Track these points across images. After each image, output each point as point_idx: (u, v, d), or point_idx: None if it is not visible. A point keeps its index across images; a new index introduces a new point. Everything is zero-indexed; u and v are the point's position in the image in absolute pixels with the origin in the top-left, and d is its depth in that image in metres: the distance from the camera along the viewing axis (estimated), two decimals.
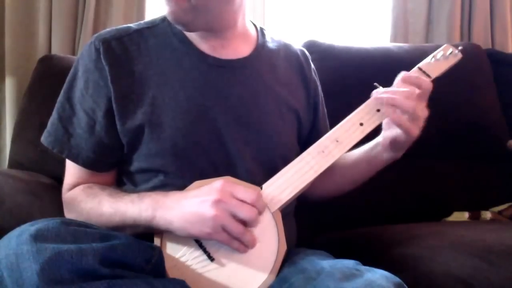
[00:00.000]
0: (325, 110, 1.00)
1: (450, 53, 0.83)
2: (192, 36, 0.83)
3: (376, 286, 0.59)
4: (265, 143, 0.83)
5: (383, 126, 0.80)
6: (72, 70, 0.83)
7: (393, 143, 0.79)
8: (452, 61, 0.84)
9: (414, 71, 0.82)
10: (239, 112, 0.82)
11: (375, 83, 0.80)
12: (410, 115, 0.74)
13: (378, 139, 0.83)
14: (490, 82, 1.42)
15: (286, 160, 0.78)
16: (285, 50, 0.93)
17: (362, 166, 0.87)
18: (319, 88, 0.97)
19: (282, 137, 0.85)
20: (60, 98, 0.83)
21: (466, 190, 1.30)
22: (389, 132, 0.79)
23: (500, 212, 1.20)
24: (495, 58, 1.47)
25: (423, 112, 0.76)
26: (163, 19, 0.86)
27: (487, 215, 1.19)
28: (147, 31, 0.84)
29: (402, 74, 0.79)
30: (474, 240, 0.85)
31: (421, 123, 0.76)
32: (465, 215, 1.20)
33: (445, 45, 0.85)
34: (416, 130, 0.75)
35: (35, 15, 1.41)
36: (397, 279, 0.62)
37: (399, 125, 0.74)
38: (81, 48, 1.42)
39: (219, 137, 0.80)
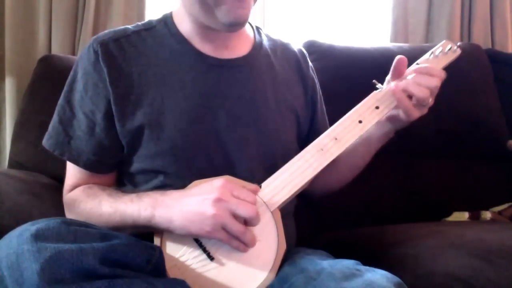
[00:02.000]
0: (324, 108, 1.00)
1: (449, 49, 0.83)
2: (191, 36, 0.83)
3: (376, 286, 0.59)
4: (265, 142, 0.83)
5: None
6: (71, 73, 0.84)
7: (391, 119, 0.81)
8: (451, 57, 0.83)
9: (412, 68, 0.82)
10: (239, 112, 0.82)
11: (374, 81, 0.80)
12: (422, 101, 0.77)
13: None
14: (490, 82, 1.42)
15: (286, 159, 0.78)
16: (282, 49, 0.94)
17: (359, 150, 0.87)
18: (317, 85, 0.97)
19: (281, 135, 0.86)
20: (60, 101, 0.84)
21: (466, 190, 1.30)
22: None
23: (500, 212, 1.20)
24: (495, 58, 1.47)
25: (431, 101, 0.79)
26: (160, 21, 0.86)
27: (487, 215, 1.19)
28: (145, 32, 0.84)
29: (397, 58, 0.80)
30: (474, 240, 0.85)
31: (425, 110, 0.79)
32: (465, 215, 1.20)
33: (444, 41, 0.85)
34: (418, 114, 0.78)
35: (35, 15, 1.41)
36: (397, 279, 0.62)
37: (405, 110, 0.77)
38: (81, 48, 1.42)
39: (218, 137, 0.80)
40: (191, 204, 0.68)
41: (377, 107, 0.79)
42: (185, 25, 0.83)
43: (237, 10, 0.74)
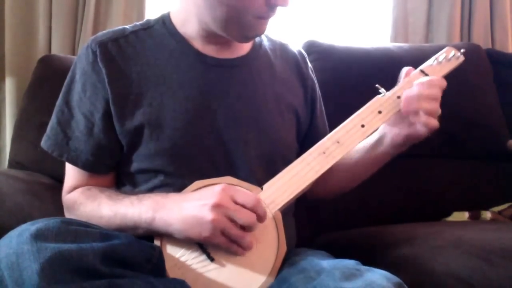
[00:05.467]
0: (323, 108, 1.00)
1: (453, 55, 0.83)
2: (193, 37, 0.83)
3: (376, 286, 0.59)
4: (265, 141, 0.83)
5: (392, 123, 0.80)
6: (69, 74, 0.84)
7: (405, 140, 0.78)
8: (454, 63, 0.83)
9: (416, 74, 0.82)
10: (238, 111, 0.82)
11: (377, 85, 0.80)
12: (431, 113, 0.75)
13: (380, 134, 0.82)
14: (490, 82, 1.42)
15: (285, 159, 0.78)
16: (282, 49, 0.94)
17: (365, 164, 0.86)
18: (317, 86, 0.97)
19: (281, 135, 0.85)
20: (59, 101, 0.84)
21: (466, 190, 1.30)
22: (399, 130, 0.78)
23: (500, 212, 1.20)
24: (495, 58, 1.47)
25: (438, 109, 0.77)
26: (158, 21, 0.86)
27: (487, 215, 1.19)
28: (143, 32, 0.84)
29: (405, 70, 0.80)
30: (474, 240, 0.85)
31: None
32: (465, 215, 1.20)
33: (447, 47, 0.85)
34: (436, 123, 0.76)
35: (35, 15, 1.41)
36: (397, 279, 0.62)
37: (425, 124, 0.75)
38: (81, 48, 1.42)
39: (218, 137, 0.80)
40: (191, 208, 0.68)
41: (380, 112, 0.78)
42: (188, 27, 0.83)
43: (262, 27, 0.78)
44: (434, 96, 0.75)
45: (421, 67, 0.83)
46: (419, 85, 0.76)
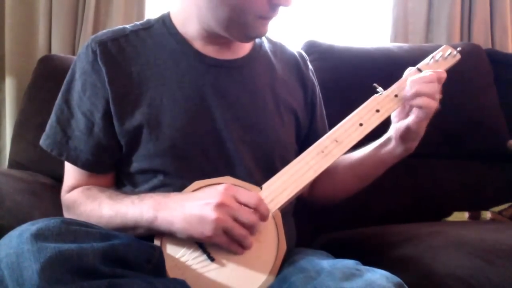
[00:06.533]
0: (324, 111, 0.99)
1: (449, 54, 0.84)
2: (194, 38, 0.83)
3: (376, 286, 0.59)
4: (263, 142, 0.83)
5: (393, 119, 0.81)
6: (69, 73, 0.84)
7: (407, 132, 0.78)
8: (451, 62, 0.84)
9: (412, 72, 0.82)
10: (237, 112, 0.82)
11: (375, 84, 0.80)
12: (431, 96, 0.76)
13: (388, 135, 0.82)
14: (490, 82, 1.42)
15: (284, 160, 0.78)
16: (282, 51, 0.94)
17: (371, 164, 0.86)
18: (317, 88, 0.97)
19: (280, 136, 0.85)
20: (58, 100, 0.84)
21: (466, 190, 1.30)
22: (400, 123, 0.79)
23: (500, 212, 1.20)
24: (495, 58, 1.47)
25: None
26: (158, 20, 0.86)
27: (487, 215, 1.19)
28: (143, 32, 0.84)
29: (408, 70, 0.81)
30: (474, 240, 0.85)
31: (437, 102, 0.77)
32: (465, 215, 1.20)
33: (444, 46, 0.86)
34: (435, 105, 0.76)
35: (35, 15, 1.41)
36: (397, 279, 0.62)
37: (425, 107, 0.75)
38: (81, 48, 1.42)
39: (217, 137, 0.80)
40: (193, 207, 0.68)
41: (377, 111, 0.79)
42: (188, 27, 0.83)
43: (264, 28, 0.78)
44: (431, 80, 0.76)
45: (418, 65, 0.83)
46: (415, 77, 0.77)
